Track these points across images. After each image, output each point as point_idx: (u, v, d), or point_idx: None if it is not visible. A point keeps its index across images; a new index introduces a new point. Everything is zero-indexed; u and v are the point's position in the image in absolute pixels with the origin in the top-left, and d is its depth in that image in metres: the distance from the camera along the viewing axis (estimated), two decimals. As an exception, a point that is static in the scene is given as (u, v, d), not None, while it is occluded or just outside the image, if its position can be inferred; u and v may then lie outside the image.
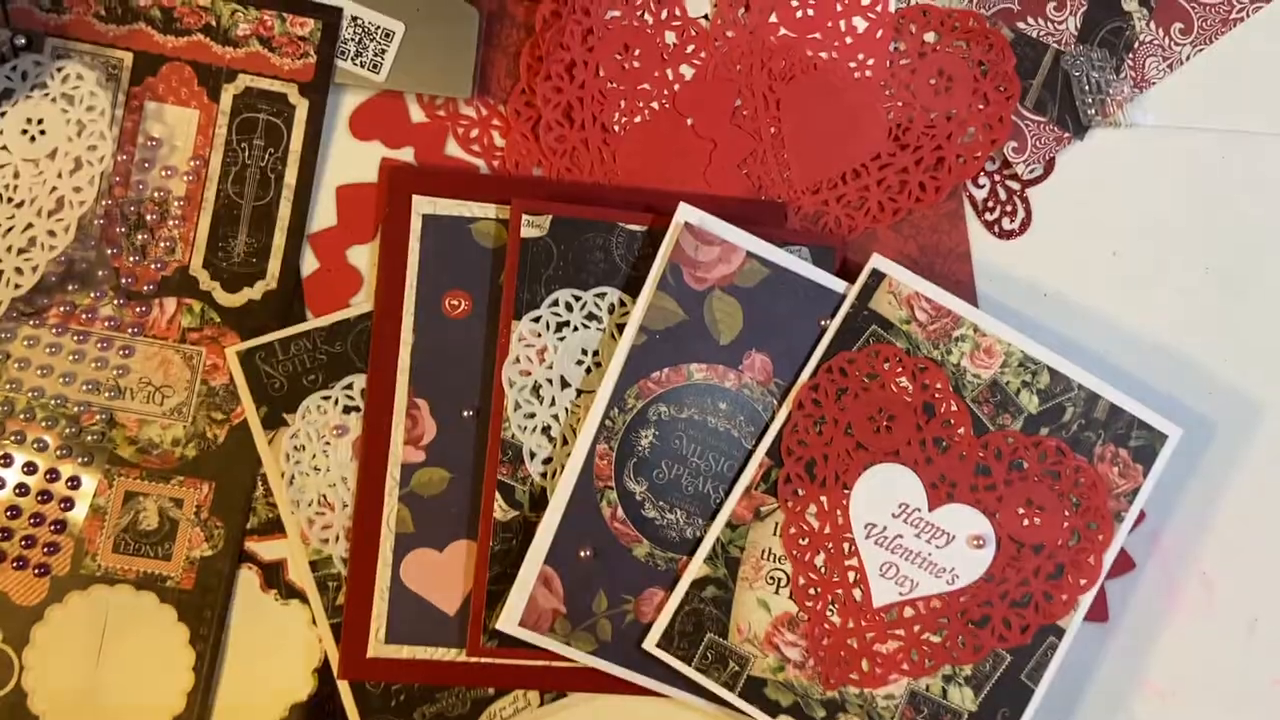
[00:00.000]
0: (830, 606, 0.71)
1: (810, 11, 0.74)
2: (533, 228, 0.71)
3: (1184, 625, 0.76)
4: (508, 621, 0.70)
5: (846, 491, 0.71)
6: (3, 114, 0.70)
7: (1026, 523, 0.71)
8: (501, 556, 0.71)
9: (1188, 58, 0.76)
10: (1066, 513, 0.71)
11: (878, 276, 0.72)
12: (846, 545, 0.71)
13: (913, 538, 0.71)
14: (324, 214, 0.74)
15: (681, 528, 0.72)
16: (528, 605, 0.70)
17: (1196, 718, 0.76)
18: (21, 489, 0.72)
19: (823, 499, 0.71)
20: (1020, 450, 0.71)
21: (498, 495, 0.71)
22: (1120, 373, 0.76)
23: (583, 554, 0.71)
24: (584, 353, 0.72)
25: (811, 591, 0.71)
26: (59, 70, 0.71)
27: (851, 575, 0.71)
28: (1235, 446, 0.77)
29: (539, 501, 0.71)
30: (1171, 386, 0.76)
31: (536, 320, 0.72)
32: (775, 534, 0.71)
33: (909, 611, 0.71)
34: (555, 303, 0.72)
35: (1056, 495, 0.71)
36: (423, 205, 0.72)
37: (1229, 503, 0.76)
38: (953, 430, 0.71)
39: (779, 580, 0.71)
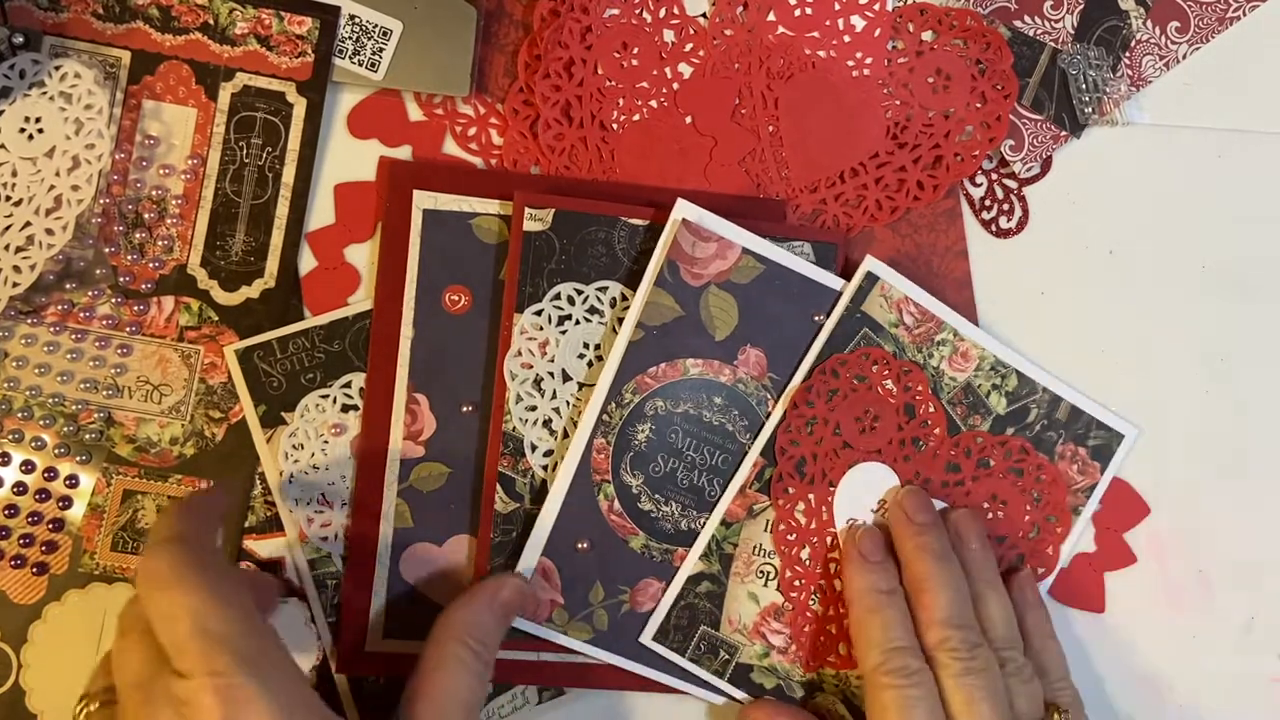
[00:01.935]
0: (813, 596, 0.73)
1: (808, 10, 0.74)
2: (535, 221, 0.72)
3: (1181, 622, 0.76)
4: None
5: (832, 489, 0.72)
6: (0, 112, 0.70)
7: (990, 516, 0.73)
8: (502, 548, 0.71)
9: (1184, 56, 0.77)
10: (1028, 507, 0.74)
11: (872, 279, 0.72)
12: (829, 539, 0.73)
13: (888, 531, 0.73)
14: (322, 212, 0.74)
15: (676, 520, 0.72)
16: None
17: (1193, 715, 0.76)
18: (19, 487, 0.72)
19: (810, 496, 0.72)
20: (988, 449, 0.73)
21: (499, 488, 0.71)
22: (1116, 370, 0.76)
23: (580, 546, 0.71)
24: (586, 346, 0.72)
25: (797, 583, 0.72)
26: (57, 68, 0.71)
27: (833, 567, 0.73)
28: (1233, 445, 0.77)
29: (540, 494, 0.71)
30: (1168, 385, 0.76)
31: (539, 313, 0.72)
32: (766, 530, 0.72)
33: None
34: (557, 296, 0.72)
35: (1019, 491, 0.74)
36: (423, 200, 0.72)
37: (1227, 501, 0.77)
38: (929, 430, 0.73)
39: (768, 574, 0.72)
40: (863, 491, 0.73)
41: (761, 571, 0.72)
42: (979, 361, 0.73)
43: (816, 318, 0.72)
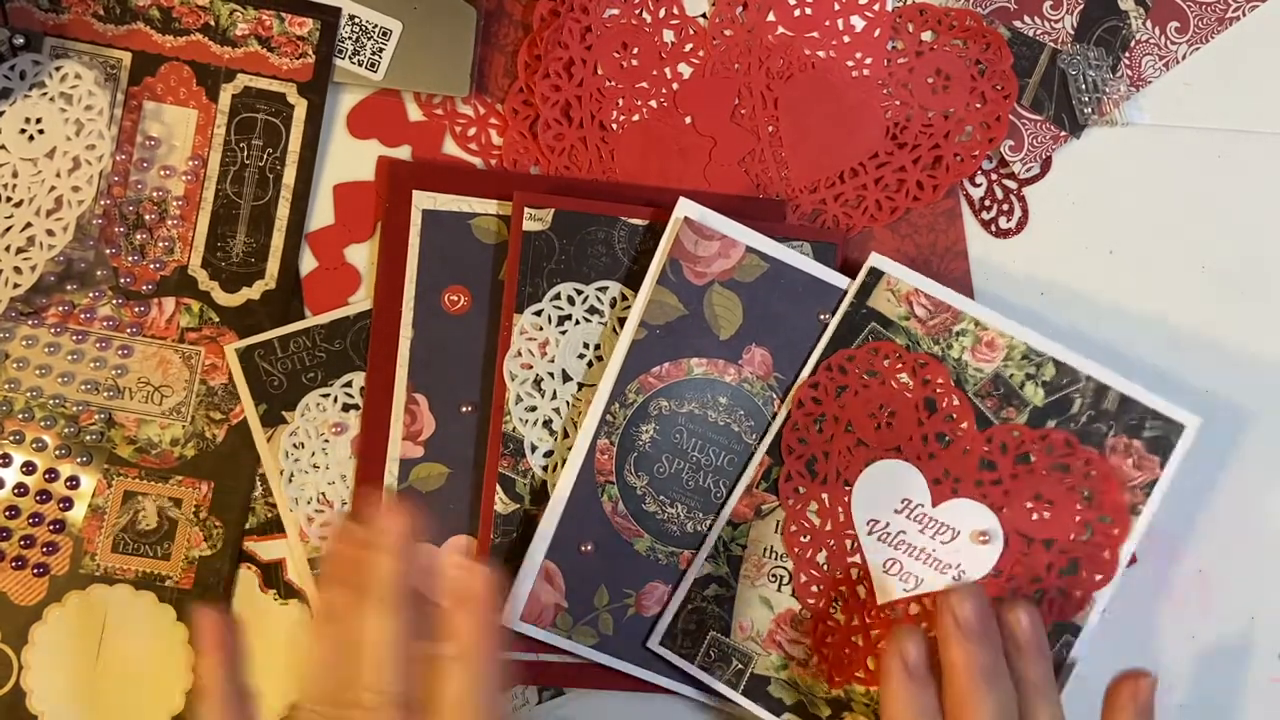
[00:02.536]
0: (834, 604, 0.71)
1: (808, 10, 0.74)
2: (535, 221, 0.72)
3: (1180, 622, 0.76)
4: (509, 617, 0.70)
5: (848, 488, 0.71)
6: (1, 113, 0.71)
7: (1035, 517, 0.70)
8: (501, 549, 0.71)
9: (1184, 56, 0.77)
10: (1078, 506, 0.70)
11: (876, 274, 0.72)
12: (849, 542, 0.71)
13: (916, 533, 0.70)
14: (322, 213, 0.74)
15: (682, 521, 0.72)
16: (529, 600, 0.70)
17: (1193, 715, 0.76)
18: (20, 489, 0.72)
19: (824, 496, 0.71)
20: (1026, 444, 0.70)
21: (498, 488, 0.71)
22: (1116, 371, 0.76)
23: (584, 549, 0.71)
24: (586, 346, 0.72)
25: (814, 589, 0.71)
26: (57, 69, 0.71)
27: (855, 572, 0.71)
28: (1232, 445, 0.77)
29: (540, 495, 0.71)
30: (1167, 385, 0.76)
31: (538, 314, 0.72)
32: (777, 532, 0.71)
33: (914, 608, 0.70)
34: (557, 296, 0.72)
35: (1066, 489, 0.70)
36: (423, 201, 0.72)
37: (1225, 501, 0.76)
38: (955, 425, 0.71)
39: (781, 578, 0.71)
40: (884, 491, 0.70)
41: (774, 575, 0.71)
42: (1007, 350, 0.71)
43: (822, 316, 0.72)
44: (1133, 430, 0.70)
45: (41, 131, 0.71)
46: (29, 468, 0.72)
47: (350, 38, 0.73)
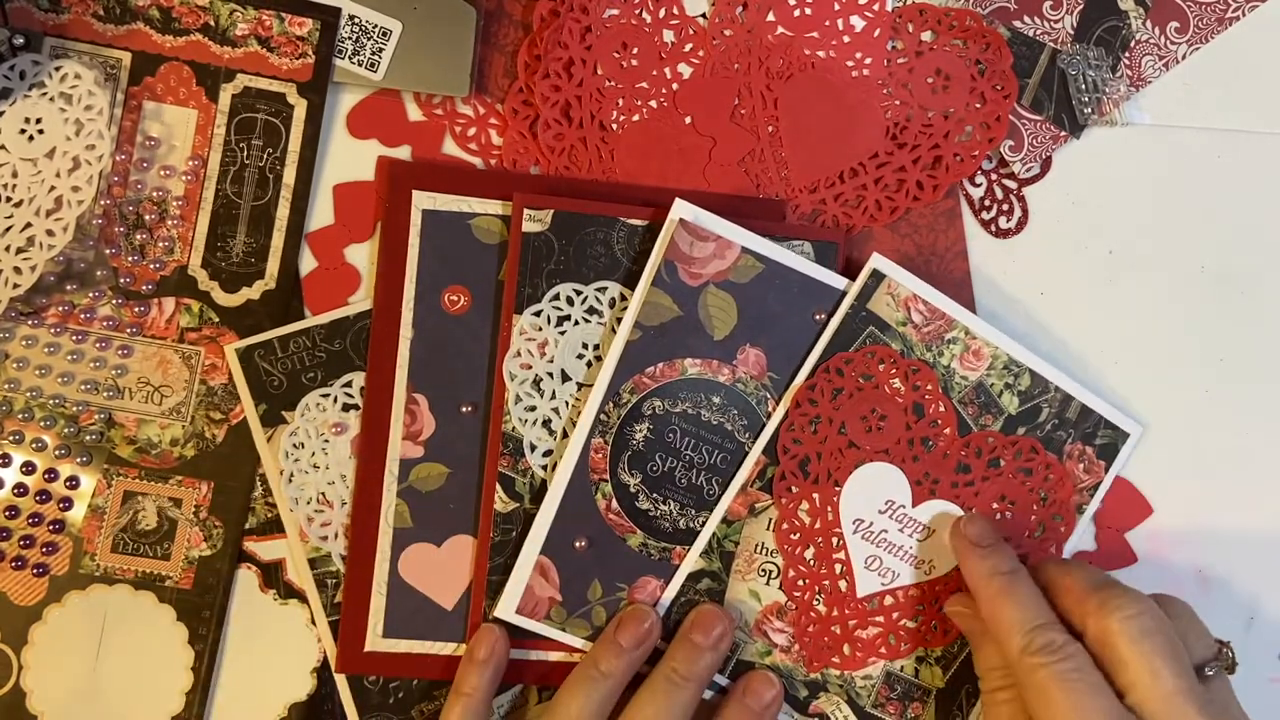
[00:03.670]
0: (817, 597, 0.72)
1: (808, 10, 0.74)
2: (534, 222, 0.72)
3: (1182, 623, 0.76)
4: (505, 609, 0.71)
5: (838, 489, 0.72)
6: (1, 113, 0.71)
7: (999, 517, 0.73)
8: (502, 547, 0.71)
9: (1184, 56, 0.77)
10: (1034, 507, 0.73)
11: (878, 277, 0.72)
12: (835, 540, 0.72)
13: (896, 532, 0.72)
14: (321, 213, 0.74)
15: (675, 519, 0.72)
16: (524, 593, 0.71)
17: (1195, 716, 0.76)
18: (20, 489, 0.72)
19: (815, 496, 0.72)
20: (999, 449, 0.73)
21: (498, 487, 0.71)
22: (1116, 370, 0.76)
23: (578, 544, 0.71)
24: (585, 347, 0.72)
25: (800, 583, 0.72)
26: (57, 69, 0.71)
27: (838, 568, 0.72)
28: (1231, 445, 0.77)
29: (539, 494, 0.71)
30: (1168, 384, 0.76)
31: (538, 314, 0.72)
32: (768, 529, 0.72)
33: (889, 600, 0.73)
34: (556, 297, 0.72)
35: (1027, 490, 0.73)
36: (423, 201, 0.72)
37: (1227, 501, 0.76)
38: (939, 430, 0.72)
39: (770, 572, 0.72)
40: (871, 492, 0.72)
41: (763, 570, 0.72)
42: (991, 360, 0.73)
43: (818, 316, 0.72)
44: (1087, 437, 0.74)
45: (41, 131, 0.71)
46: (29, 468, 0.72)
47: (350, 38, 0.73)
